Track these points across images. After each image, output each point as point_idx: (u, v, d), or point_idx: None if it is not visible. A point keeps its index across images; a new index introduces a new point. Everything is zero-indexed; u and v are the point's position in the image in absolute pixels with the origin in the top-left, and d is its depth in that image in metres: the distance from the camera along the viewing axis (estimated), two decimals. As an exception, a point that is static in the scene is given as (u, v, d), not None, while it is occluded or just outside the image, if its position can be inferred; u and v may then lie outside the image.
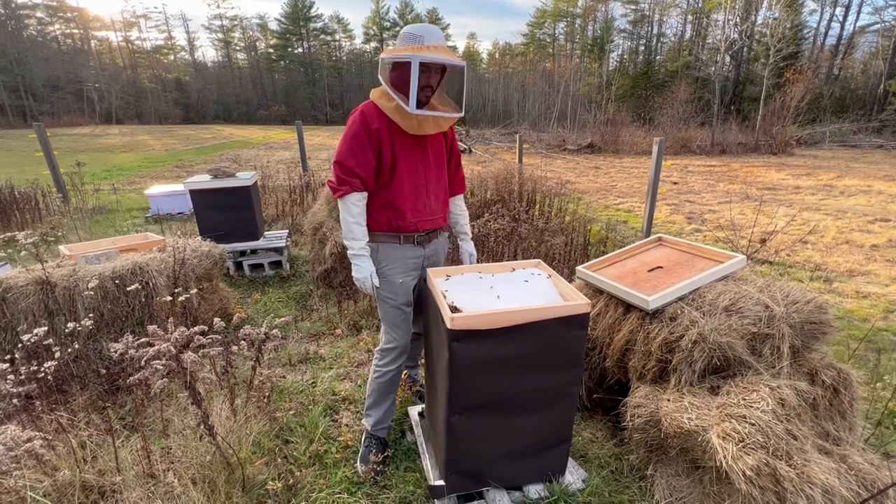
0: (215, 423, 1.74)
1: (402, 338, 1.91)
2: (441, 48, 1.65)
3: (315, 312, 3.43)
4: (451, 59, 1.64)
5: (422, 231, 1.86)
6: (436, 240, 1.98)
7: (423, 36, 1.65)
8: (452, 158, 1.99)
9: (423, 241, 1.89)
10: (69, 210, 6.24)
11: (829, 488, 1.32)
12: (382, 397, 1.97)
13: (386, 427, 2.01)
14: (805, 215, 6.53)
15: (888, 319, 3.37)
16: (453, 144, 1.98)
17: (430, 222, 1.88)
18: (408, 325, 1.93)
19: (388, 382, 1.95)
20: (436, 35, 1.66)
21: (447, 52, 1.66)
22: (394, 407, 2.04)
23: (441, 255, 2.05)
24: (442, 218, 1.95)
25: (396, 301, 1.86)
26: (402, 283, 1.86)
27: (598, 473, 1.87)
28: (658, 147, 3.82)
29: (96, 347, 2.39)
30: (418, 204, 1.82)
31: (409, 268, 1.87)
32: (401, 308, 1.88)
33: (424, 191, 1.83)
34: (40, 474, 1.57)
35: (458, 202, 2.10)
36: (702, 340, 1.63)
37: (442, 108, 1.79)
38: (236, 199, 4.02)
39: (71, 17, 42.16)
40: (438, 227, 1.93)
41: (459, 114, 1.78)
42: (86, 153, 14.81)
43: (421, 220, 1.84)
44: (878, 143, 17.33)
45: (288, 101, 46.65)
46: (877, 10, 29.90)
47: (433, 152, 1.85)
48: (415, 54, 1.59)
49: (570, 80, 27.77)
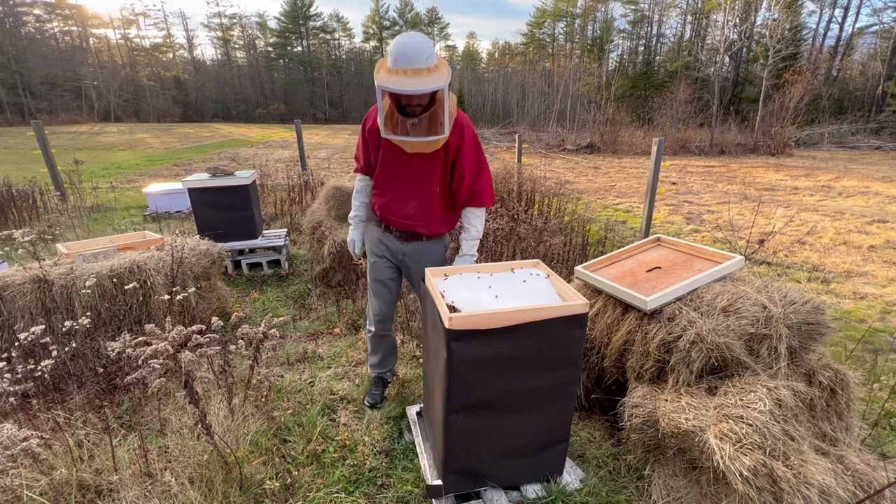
0: (213, 423, 1.74)
1: (375, 306, 2.18)
2: (409, 72, 1.56)
3: (313, 311, 3.43)
4: (411, 89, 1.54)
5: (399, 228, 2.00)
6: (418, 241, 2.01)
7: (395, 57, 1.57)
8: (455, 172, 1.89)
9: (402, 238, 2.02)
10: (67, 208, 6.22)
11: (826, 489, 1.32)
12: (375, 349, 2.31)
13: (382, 369, 2.35)
14: (803, 216, 6.54)
15: (885, 320, 3.38)
16: (458, 159, 1.86)
17: (406, 226, 1.98)
18: (382, 299, 2.16)
19: (375, 339, 2.26)
20: (408, 57, 1.55)
21: (417, 75, 1.56)
22: (390, 356, 2.34)
23: (428, 260, 2.02)
24: (423, 226, 1.96)
25: (371, 276, 2.16)
26: (375, 262, 2.11)
27: (596, 473, 1.87)
28: (657, 147, 3.82)
29: (93, 346, 2.39)
30: (393, 206, 1.96)
31: (382, 252, 2.08)
32: (374, 282, 2.14)
33: (402, 197, 1.92)
34: (37, 473, 1.57)
35: (466, 214, 2.01)
36: (700, 341, 1.63)
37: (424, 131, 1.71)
38: (235, 198, 4.01)
39: (69, 14, 41.98)
40: (418, 232, 1.98)
41: (436, 137, 1.69)
42: (84, 151, 14.77)
43: (393, 221, 1.99)
44: (876, 144, 17.38)
45: (287, 100, 46.58)
46: (875, 11, 30.03)
47: (422, 164, 1.85)
48: (378, 81, 1.59)
49: (569, 80, 27.78)
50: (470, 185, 1.91)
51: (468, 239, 2.02)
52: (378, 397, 2.31)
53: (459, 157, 1.86)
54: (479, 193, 1.95)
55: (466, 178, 1.89)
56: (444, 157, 1.86)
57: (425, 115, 1.70)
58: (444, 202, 1.96)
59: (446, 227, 2.04)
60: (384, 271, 2.11)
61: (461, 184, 1.91)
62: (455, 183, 1.92)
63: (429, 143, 1.73)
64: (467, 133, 1.85)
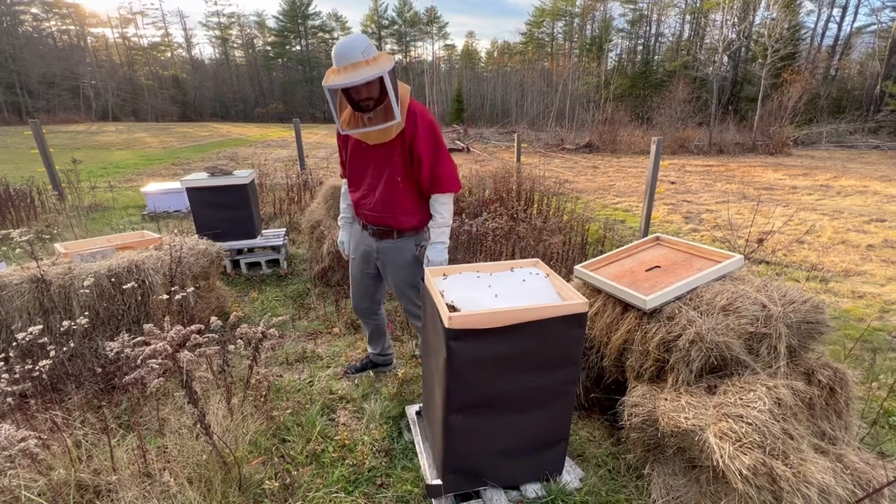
0: (212, 423, 1.73)
1: (353, 295, 2.38)
2: (349, 66, 1.70)
3: (312, 311, 3.42)
4: (352, 80, 1.67)
5: (371, 223, 2.09)
6: (390, 239, 2.08)
7: (335, 58, 1.73)
8: (414, 159, 1.95)
9: (375, 235, 2.12)
10: (65, 208, 6.20)
11: (826, 487, 1.32)
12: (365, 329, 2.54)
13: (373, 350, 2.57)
14: (802, 215, 6.55)
15: (883, 319, 3.39)
16: (414, 146, 1.92)
17: (374, 219, 2.07)
18: (358, 291, 2.34)
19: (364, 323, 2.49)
20: (344, 55, 1.70)
21: (356, 68, 1.69)
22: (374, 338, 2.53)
23: (398, 258, 2.10)
24: (391, 218, 2.03)
25: (350, 270, 2.34)
26: (353, 259, 2.28)
27: (596, 472, 1.87)
28: (656, 146, 3.82)
29: (92, 346, 2.38)
30: (363, 201, 2.08)
31: (359, 248, 2.22)
32: (352, 276, 2.33)
33: (370, 190, 2.04)
34: (35, 474, 1.56)
35: (432, 202, 2.05)
36: (699, 340, 1.63)
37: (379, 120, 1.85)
38: (233, 198, 4.00)
39: (66, 13, 41.86)
40: (386, 224, 2.06)
41: (388, 124, 1.82)
42: (82, 150, 14.72)
43: (363, 214, 2.11)
44: (874, 143, 17.42)
45: (286, 99, 46.51)
46: (874, 11, 29.99)
47: (382, 155, 1.96)
48: (324, 83, 1.74)
49: (568, 80, 27.79)
50: (430, 170, 1.96)
51: (435, 226, 2.07)
52: (353, 368, 2.58)
53: (415, 144, 1.92)
54: (440, 178, 1.98)
55: (425, 163, 1.95)
56: (401, 145, 1.93)
57: (380, 108, 1.83)
58: (409, 192, 2.02)
59: (415, 219, 2.07)
60: (359, 267, 2.27)
61: (421, 170, 1.97)
62: (416, 171, 1.98)
63: (384, 130, 1.84)
64: (421, 120, 1.91)
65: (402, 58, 49.34)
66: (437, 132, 1.97)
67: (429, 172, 1.96)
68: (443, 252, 2.05)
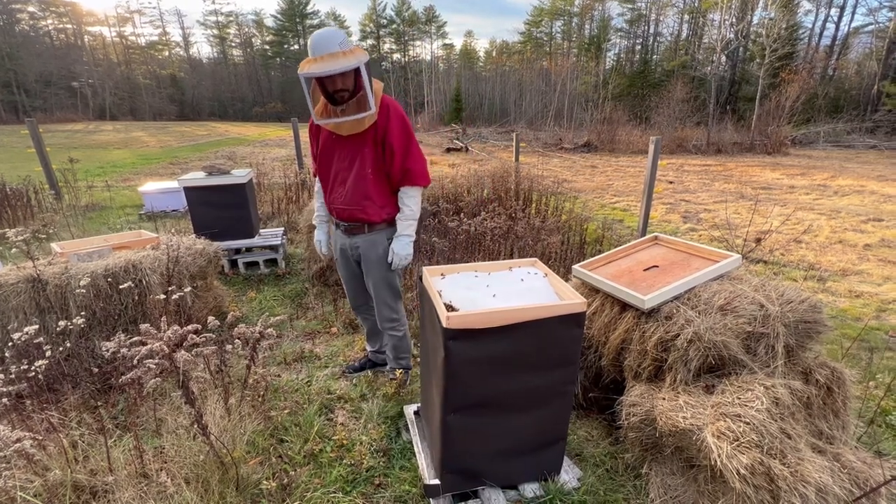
0: (209, 423, 1.72)
1: (347, 293, 2.42)
2: (326, 56, 1.74)
3: (310, 311, 3.42)
4: (329, 69, 1.71)
5: (342, 219, 2.11)
6: (363, 234, 2.10)
7: (312, 48, 1.78)
8: (386, 151, 1.98)
9: (349, 231, 2.13)
10: (62, 207, 6.17)
11: (823, 486, 1.32)
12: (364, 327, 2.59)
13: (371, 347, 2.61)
14: (799, 215, 6.57)
15: (881, 318, 3.40)
16: (386, 138, 1.96)
17: (346, 212, 2.08)
18: (350, 290, 2.37)
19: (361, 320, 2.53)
20: (321, 46, 1.75)
21: (333, 58, 1.74)
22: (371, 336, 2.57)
23: (371, 252, 2.12)
24: (360, 210, 2.04)
25: (338, 269, 2.37)
26: (337, 259, 2.31)
27: (594, 472, 1.87)
28: (654, 146, 3.83)
29: (88, 346, 2.37)
30: (333, 194, 2.10)
31: (337, 247, 2.25)
32: (341, 276, 2.37)
33: (340, 182, 2.06)
34: (31, 474, 1.55)
35: (401, 195, 2.08)
36: (697, 339, 1.63)
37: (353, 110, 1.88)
38: (231, 197, 3.99)
39: (64, 11, 41.71)
40: (357, 218, 2.07)
41: (363, 114, 1.85)
42: (79, 149, 14.66)
43: (336, 208, 2.11)
44: (871, 143, 17.47)
45: (284, 99, 46.36)
46: (871, 11, 30.13)
47: (354, 147, 1.99)
48: (300, 72, 1.77)
49: (566, 79, 27.81)
50: (401, 162, 2.00)
51: (402, 219, 2.08)
52: (351, 368, 2.59)
53: (388, 136, 1.96)
54: (411, 171, 2.01)
55: (396, 155, 1.98)
56: (373, 137, 1.96)
57: (353, 100, 1.87)
58: (379, 185, 2.04)
59: (385, 212, 2.09)
60: (343, 266, 2.31)
61: (392, 162, 2.00)
62: (387, 163, 2.01)
63: (358, 120, 1.88)
64: (393, 113, 1.95)
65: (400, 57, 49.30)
66: (409, 126, 2.02)
67: (400, 164, 2.00)
68: (408, 245, 2.07)
